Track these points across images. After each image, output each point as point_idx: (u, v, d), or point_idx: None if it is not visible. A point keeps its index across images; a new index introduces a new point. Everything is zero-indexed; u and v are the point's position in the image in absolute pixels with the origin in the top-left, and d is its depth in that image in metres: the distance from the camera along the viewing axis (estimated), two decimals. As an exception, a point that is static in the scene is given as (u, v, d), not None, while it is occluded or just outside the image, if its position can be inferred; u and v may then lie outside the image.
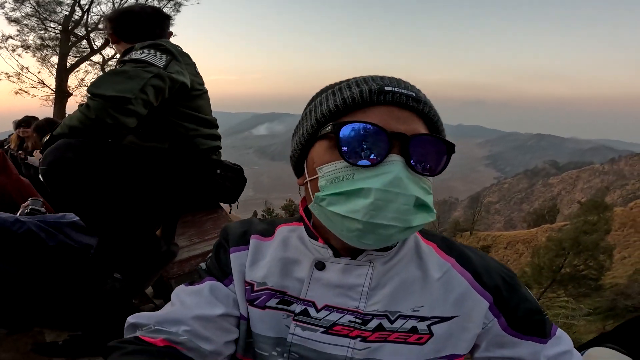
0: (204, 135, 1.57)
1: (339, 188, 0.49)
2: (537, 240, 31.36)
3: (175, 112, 1.48)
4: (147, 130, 1.44)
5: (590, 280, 18.94)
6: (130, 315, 0.56)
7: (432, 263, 0.58)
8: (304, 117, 0.59)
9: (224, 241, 0.66)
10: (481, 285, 0.56)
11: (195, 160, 1.55)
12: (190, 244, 1.68)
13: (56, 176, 1.18)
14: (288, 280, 0.59)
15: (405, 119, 0.51)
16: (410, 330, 0.54)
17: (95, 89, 1.22)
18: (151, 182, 1.41)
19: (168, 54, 1.40)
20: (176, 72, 1.40)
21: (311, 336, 0.55)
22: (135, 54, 1.35)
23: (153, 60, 1.33)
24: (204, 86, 1.60)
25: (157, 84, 1.30)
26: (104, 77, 1.28)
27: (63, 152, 1.18)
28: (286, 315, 0.57)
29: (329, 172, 0.51)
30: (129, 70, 1.27)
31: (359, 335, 0.54)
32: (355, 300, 0.55)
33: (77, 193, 1.21)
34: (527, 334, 0.56)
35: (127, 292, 1.34)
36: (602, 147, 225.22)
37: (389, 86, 0.52)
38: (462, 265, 0.58)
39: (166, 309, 0.57)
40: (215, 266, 0.64)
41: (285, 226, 0.66)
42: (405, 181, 0.48)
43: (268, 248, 0.63)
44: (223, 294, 0.59)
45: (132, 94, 1.22)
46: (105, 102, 1.20)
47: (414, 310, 0.55)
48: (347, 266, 0.56)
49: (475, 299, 0.56)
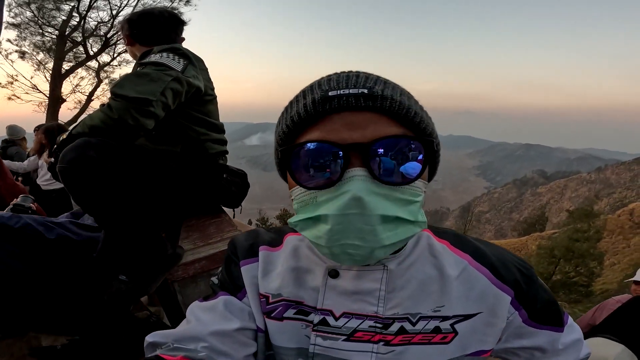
0: (213, 139, 1.58)
1: (304, 214, 0.49)
2: (528, 249, 31.70)
3: (187, 116, 1.49)
4: (160, 134, 1.45)
5: (581, 286, 19.19)
6: (148, 335, 0.55)
7: (447, 261, 0.57)
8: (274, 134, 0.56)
9: (233, 255, 0.64)
10: (500, 280, 0.56)
11: (204, 164, 1.55)
12: (194, 247, 1.65)
13: (76, 174, 1.17)
14: (303, 290, 0.58)
15: (362, 123, 0.46)
16: (434, 330, 0.53)
17: (118, 90, 1.23)
18: (162, 185, 1.42)
19: (185, 59, 1.42)
20: (192, 76, 1.41)
21: (333, 345, 0.54)
22: (154, 57, 1.37)
23: (172, 64, 1.35)
24: (214, 92, 1.62)
25: (176, 87, 1.33)
26: (126, 78, 1.29)
27: (84, 150, 1.17)
28: (305, 325, 0.56)
29: (297, 196, 0.50)
30: (151, 73, 1.29)
31: (382, 340, 0.53)
32: (373, 305, 0.54)
33: (95, 192, 1.20)
34: (545, 323, 0.58)
35: (133, 294, 1.32)
36: (589, 156, 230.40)
37: (334, 90, 0.46)
38: (478, 261, 0.57)
39: (182, 326, 0.57)
40: (227, 280, 0.62)
41: (294, 235, 0.64)
42: (365, 200, 0.43)
43: (278, 258, 0.62)
44: (237, 308, 0.58)
45: (154, 96, 1.25)
46: (128, 103, 1.22)
47: (435, 311, 0.54)
48: (361, 272, 0.54)
49: (497, 294, 0.55)
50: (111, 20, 9.75)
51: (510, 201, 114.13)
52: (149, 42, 1.58)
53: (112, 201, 1.23)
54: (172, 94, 1.32)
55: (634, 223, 32.49)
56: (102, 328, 1.36)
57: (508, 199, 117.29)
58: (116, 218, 1.26)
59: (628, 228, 31.87)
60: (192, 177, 1.51)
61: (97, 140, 1.22)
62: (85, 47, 9.98)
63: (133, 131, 1.26)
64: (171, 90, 1.31)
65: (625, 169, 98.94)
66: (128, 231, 1.29)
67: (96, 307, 1.31)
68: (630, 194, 72.23)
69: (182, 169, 1.47)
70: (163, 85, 1.28)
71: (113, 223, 1.27)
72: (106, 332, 1.37)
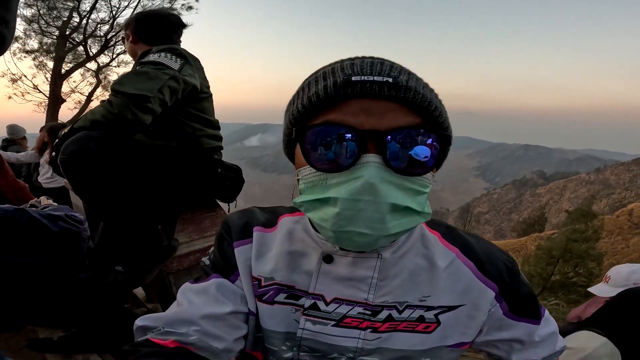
0: (208, 135, 1.64)
1: (311, 195, 0.48)
2: (527, 249, 31.68)
3: (184, 112, 1.55)
4: (157, 129, 1.50)
5: (580, 287, 19.17)
6: (138, 318, 0.55)
7: (437, 252, 0.58)
8: (285, 113, 0.54)
9: (226, 234, 0.63)
10: (485, 275, 0.57)
11: (199, 159, 1.60)
12: (189, 240, 1.68)
13: (77, 165, 1.23)
14: (296, 274, 0.58)
15: (382, 111, 0.45)
16: (418, 319, 0.55)
17: (118, 87, 1.31)
18: (159, 178, 1.47)
19: (182, 58, 1.50)
20: (189, 75, 1.49)
21: (322, 330, 0.55)
22: (153, 56, 1.45)
23: (169, 63, 1.43)
24: (209, 89, 1.69)
25: (173, 85, 1.40)
26: (126, 76, 1.36)
27: (85, 143, 1.23)
28: (295, 310, 0.57)
29: (305, 176, 0.49)
30: (149, 72, 1.37)
31: (370, 327, 0.54)
32: (364, 292, 0.54)
33: (94, 183, 1.25)
34: (524, 316, 0.59)
35: (129, 284, 1.35)
36: (588, 157, 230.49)
37: (357, 75, 0.45)
38: (466, 255, 0.58)
39: (173, 309, 0.56)
40: (220, 261, 0.61)
41: (289, 217, 0.64)
42: (378, 187, 0.43)
43: (272, 240, 0.61)
44: (230, 291, 0.58)
45: (152, 93, 1.32)
46: (127, 99, 1.29)
47: (421, 300, 0.55)
48: (356, 259, 0.54)
49: (481, 289, 0.57)
50: (111, 21, 9.77)
51: (510, 202, 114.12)
52: (152, 41, 1.65)
53: (110, 193, 1.28)
54: (169, 91, 1.38)
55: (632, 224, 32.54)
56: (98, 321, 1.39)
57: (507, 200, 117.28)
58: (114, 209, 1.30)
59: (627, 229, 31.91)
60: (188, 171, 1.55)
61: (98, 134, 1.27)
62: (85, 47, 10.02)
63: (131, 126, 1.32)
64: (168, 87, 1.37)
65: (624, 170, 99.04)
66: (125, 222, 1.32)
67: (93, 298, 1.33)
68: (630, 194, 72.29)
69: (177, 163, 1.52)
70: (161, 83, 1.35)
71: (111, 214, 1.31)
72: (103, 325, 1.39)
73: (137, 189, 1.35)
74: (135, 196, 1.33)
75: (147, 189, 1.42)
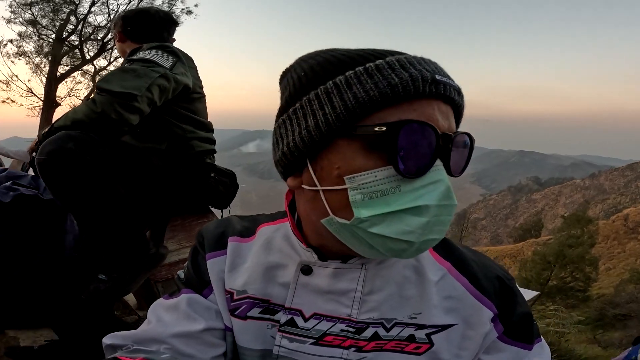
0: (200, 138, 1.57)
1: (388, 206, 0.40)
2: (524, 254, 31.76)
3: (174, 113, 1.48)
4: (145, 131, 1.44)
5: (578, 291, 19.25)
6: (106, 336, 0.53)
7: (428, 266, 0.53)
8: (307, 102, 0.44)
9: (200, 246, 0.60)
10: (480, 291, 0.52)
11: (190, 162, 1.54)
12: (179, 247, 1.63)
13: (54, 166, 1.15)
14: (271, 286, 0.54)
15: (448, 115, 0.44)
16: (408, 338, 0.50)
17: (103, 84, 1.24)
18: (146, 182, 1.40)
19: (174, 56, 1.43)
20: (181, 73, 1.42)
21: (299, 348, 0.51)
22: (143, 53, 1.38)
23: (160, 60, 1.36)
24: (203, 90, 1.63)
25: (163, 84, 1.33)
26: (113, 73, 1.30)
27: (64, 142, 1.16)
28: (271, 325, 0.53)
29: (367, 184, 0.41)
30: (138, 69, 1.30)
31: (353, 345, 0.49)
32: (347, 307, 0.50)
33: (73, 186, 1.18)
34: (516, 339, 0.53)
35: (112, 294, 1.28)
36: (583, 162, 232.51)
37: (439, 74, 0.42)
38: (459, 270, 0.53)
39: (143, 327, 0.53)
40: (192, 275, 0.58)
41: (269, 225, 0.60)
42: (451, 190, 0.42)
43: (248, 250, 0.57)
44: (202, 307, 0.54)
45: (139, 92, 1.25)
46: (112, 98, 1.22)
47: (411, 318, 0.50)
48: (338, 270, 0.50)
49: (475, 306, 0.51)
50: (109, 24, 9.79)
51: (506, 208, 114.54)
52: (141, 39, 1.59)
53: (91, 197, 1.21)
54: (159, 90, 1.32)
55: (628, 228, 32.77)
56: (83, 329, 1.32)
57: (503, 206, 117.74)
58: (96, 214, 1.23)
59: (623, 233, 32.12)
60: (177, 175, 1.49)
61: (78, 134, 1.19)
62: (82, 50, 9.90)
63: (116, 126, 1.25)
64: (157, 86, 1.31)
65: (618, 175, 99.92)
66: (108, 228, 1.25)
67: (76, 305, 1.27)
68: (624, 199, 72.84)
69: (166, 166, 1.46)
70: (149, 81, 1.28)
71: (92, 219, 1.24)
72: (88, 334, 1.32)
73: (120, 192, 1.28)
74: (118, 200, 1.27)
75: (133, 193, 1.36)
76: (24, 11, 9.30)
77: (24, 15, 9.30)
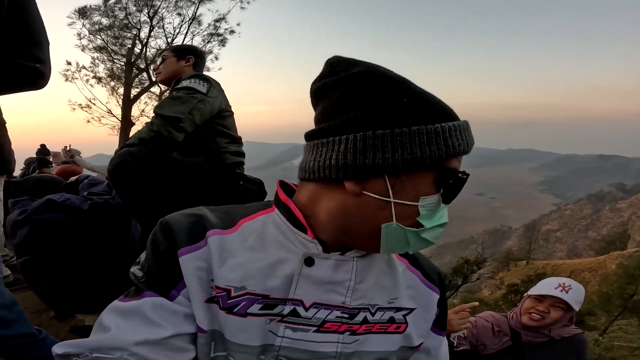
0: (231, 152, 1.88)
1: (439, 220, 0.53)
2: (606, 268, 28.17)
3: (210, 128, 1.81)
4: (188, 147, 1.77)
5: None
6: (55, 345, 0.50)
7: (395, 260, 0.64)
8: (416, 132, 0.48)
9: (165, 238, 0.54)
10: (430, 281, 0.66)
11: (223, 172, 1.85)
12: None
13: (118, 175, 1.56)
14: (271, 280, 0.54)
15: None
16: (389, 320, 0.59)
17: (158, 110, 1.64)
18: (186, 188, 1.75)
19: (208, 82, 1.79)
20: (214, 96, 1.77)
21: (303, 337, 0.53)
22: (185, 82, 1.74)
23: (198, 87, 1.72)
24: (231, 109, 1.96)
25: (201, 107, 1.69)
26: (165, 101, 1.70)
27: (125, 157, 1.56)
28: (269, 320, 0.53)
29: (429, 204, 0.51)
30: (182, 96, 1.67)
31: (348, 330, 0.55)
32: (342, 295, 0.55)
33: (132, 189, 1.57)
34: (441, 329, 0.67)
35: None
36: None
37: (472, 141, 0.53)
38: (413, 265, 0.66)
39: (99, 334, 0.50)
40: (154, 273, 0.53)
41: (253, 219, 0.59)
42: None
43: (234, 243, 0.55)
44: (169, 312, 0.51)
45: (183, 115, 1.62)
46: (164, 120, 1.61)
47: (390, 302, 0.59)
48: (337, 261, 0.54)
49: (429, 292, 0.64)
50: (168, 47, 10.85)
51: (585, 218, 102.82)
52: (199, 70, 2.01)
53: (143, 199, 1.59)
54: (199, 113, 1.68)
55: None
56: None
57: (582, 216, 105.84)
58: (150, 215, 1.61)
59: None
60: (212, 183, 1.81)
61: (135, 150, 1.59)
62: (149, 73, 10.97)
63: (167, 142, 1.62)
64: (197, 110, 1.67)
65: None
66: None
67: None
68: None
69: (203, 176, 1.78)
70: (190, 106, 1.65)
71: (147, 217, 1.63)
72: None
73: (168, 198, 1.64)
74: (167, 206, 1.57)
75: (175, 198, 1.69)
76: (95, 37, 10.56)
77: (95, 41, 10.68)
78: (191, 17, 10.76)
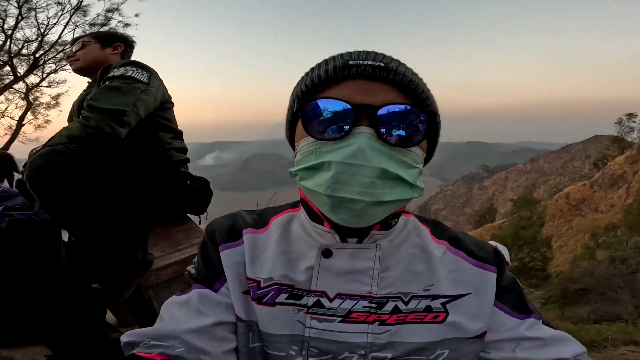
0: (176, 148, 1.68)
1: (306, 162, 0.50)
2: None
3: (153, 122, 1.58)
4: (126, 143, 1.47)
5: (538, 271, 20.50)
6: (123, 334, 0.55)
7: (431, 244, 0.59)
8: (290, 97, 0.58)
9: (210, 240, 0.61)
10: (478, 260, 0.58)
11: (168, 172, 1.62)
12: (163, 254, 1.59)
13: (45, 180, 1.18)
14: (295, 272, 0.56)
15: (375, 90, 0.50)
16: (425, 309, 0.54)
17: (94, 103, 1.34)
18: (130, 192, 1.43)
19: (147, 71, 1.54)
20: (156, 86, 1.55)
21: (329, 327, 0.53)
22: (119, 70, 1.47)
23: (138, 75, 1.48)
24: (172, 99, 1.73)
25: (145, 98, 1.45)
26: (100, 92, 1.39)
27: (52, 157, 1.19)
28: (297, 310, 0.55)
29: (302, 147, 0.51)
30: (121, 87, 1.41)
31: (377, 320, 0.53)
32: (367, 284, 0.54)
33: (65, 197, 1.21)
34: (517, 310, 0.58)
35: (108, 300, 1.30)
36: (523, 148, 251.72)
37: (354, 60, 0.50)
38: (455, 247, 0.60)
39: (157, 324, 0.55)
40: (202, 270, 0.59)
41: (280, 216, 0.63)
42: (369, 153, 0.46)
43: (266, 241, 0.60)
44: (212, 302, 0.56)
45: (127, 107, 1.37)
46: (103, 114, 1.33)
47: (425, 290, 0.55)
48: (355, 250, 0.54)
49: (480, 273, 0.57)
50: (39, 38, 8.96)
51: (462, 196, 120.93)
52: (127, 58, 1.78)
53: (81, 208, 1.22)
54: (143, 105, 1.45)
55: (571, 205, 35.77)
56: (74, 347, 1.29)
57: (459, 195, 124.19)
58: (86, 224, 1.25)
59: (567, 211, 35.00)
60: (157, 184, 1.54)
61: (64, 148, 1.23)
62: (12, 67, 9.10)
63: (108, 139, 1.35)
64: (141, 101, 1.43)
65: (555, 158, 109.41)
66: (98, 237, 1.27)
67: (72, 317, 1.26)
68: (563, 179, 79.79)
69: (146, 176, 1.50)
70: (134, 97, 1.40)
71: (83, 230, 1.26)
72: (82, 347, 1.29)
73: (106, 203, 1.29)
74: (105, 211, 1.28)
75: (117, 204, 1.36)
76: None
77: None
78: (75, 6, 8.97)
